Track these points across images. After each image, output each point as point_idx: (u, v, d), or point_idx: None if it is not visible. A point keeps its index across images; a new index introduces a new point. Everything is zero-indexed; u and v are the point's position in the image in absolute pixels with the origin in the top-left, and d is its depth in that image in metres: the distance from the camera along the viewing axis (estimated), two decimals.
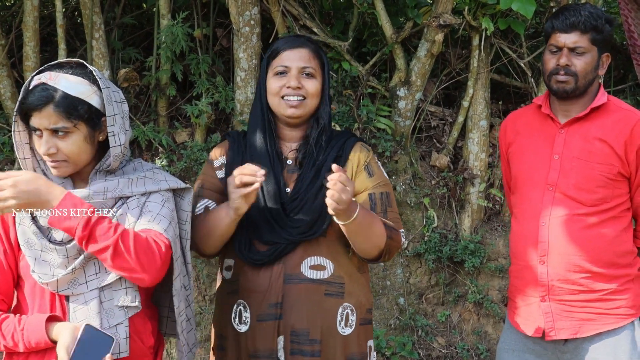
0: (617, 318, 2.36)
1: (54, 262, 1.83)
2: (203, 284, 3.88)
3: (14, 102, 3.92)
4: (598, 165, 2.34)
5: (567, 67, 2.34)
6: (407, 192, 4.10)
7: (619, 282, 2.36)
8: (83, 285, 1.85)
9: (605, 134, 2.35)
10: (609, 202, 2.35)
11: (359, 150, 2.24)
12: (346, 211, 2.00)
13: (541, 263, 2.38)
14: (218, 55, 4.25)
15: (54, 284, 1.83)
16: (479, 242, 4.08)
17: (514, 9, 3.54)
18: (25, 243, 1.85)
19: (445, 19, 3.78)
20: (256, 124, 2.23)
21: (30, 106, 1.81)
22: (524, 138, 2.51)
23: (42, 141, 1.83)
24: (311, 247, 2.14)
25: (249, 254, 2.13)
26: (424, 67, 4.03)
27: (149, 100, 4.09)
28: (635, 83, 4.42)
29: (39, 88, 1.83)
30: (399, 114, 4.10)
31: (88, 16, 3.79)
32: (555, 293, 2.38)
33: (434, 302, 4.17)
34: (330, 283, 2.14)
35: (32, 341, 1.79)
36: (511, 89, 4.51)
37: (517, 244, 2.49)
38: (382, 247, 2.12)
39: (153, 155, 3.95)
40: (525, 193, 2.47)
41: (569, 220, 2.35)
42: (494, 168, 4.23)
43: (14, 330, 1.81)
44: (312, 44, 2.24)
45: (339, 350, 2.14)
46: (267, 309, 2.11)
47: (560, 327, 2.38)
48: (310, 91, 2.18)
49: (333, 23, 4.38)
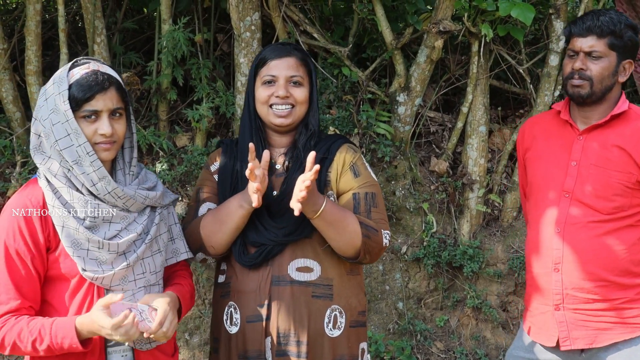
0: (634, 327, 2.32)
1: (102, 258, 1.90)
2: (203, 287, 3.89)
3: (16, 105, 3.93)
4: (616, 173, 2.30)
5: (582, 71, 2.32)
6: (406, 197, 4.11)
7: (635, 291, 2.33)
8: (132, 282, 1.96)
9: (624, 142, 2.32)
10: (626, 210, 2.31)
11: (345, 151, 2.27)
12: (310, 203, 2.03)
13: (555, 271, 2.35)
14: (219, 60, 4.27)
15: (109, 279, 1.90)
16: (477, 247, 4.09)
17: (513, 15, 3.56)
18: (72, 244, 1.88)
19: (445, 26, 3.80)
20: (245, 131, 2.27)
21: (95, 88, 1.88)
22: (541, 144, 2.48)
23: (102, 123, 1.91)
24: (298, 249, 2.17)
25: (242, 256, 2.17)
26: (423, 72, 4.05)
27: (149, 105, 4.11)
28: (633, 90, 4.44)
29: (95, 74, 1.90)
30: (398, 120, 4.11)
31: (90, 21, 3.81)
32: (570, 302, 2.34)
33: (433, 307, 4.18)
34: (317, 285, 2.16)
35: (59, 337, 1.82)
36: (510, 95, 4.53)
37: (531, 251, 2.46)
38: (357, 245, 2.12)
39: (154, 159, 3.96)
40: (540, 199, 2.44)
41: (584, 227, 2.32)
42: (493, 174, 4.25)
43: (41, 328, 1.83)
44: (299, 52, 2.27)
45: (327, 352, 2.16)
46: (256, 310, 2.13)
47: (576, 336, 2.34)
48: (299, 99, 2.21)
49: (333, 29, 4.40)
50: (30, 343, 1.83)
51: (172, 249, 2.14)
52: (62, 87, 1.89)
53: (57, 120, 1.89)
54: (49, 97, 1.91)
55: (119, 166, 2.02)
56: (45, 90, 1.94)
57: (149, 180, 2.08)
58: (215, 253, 2.20)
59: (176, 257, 2.14)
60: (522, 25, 4.00)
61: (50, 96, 1.91)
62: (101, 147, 1.92)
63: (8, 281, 1.86)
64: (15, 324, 1.84)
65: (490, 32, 3.85)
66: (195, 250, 2.21)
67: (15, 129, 3.92)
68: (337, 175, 2.23)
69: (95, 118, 1.91)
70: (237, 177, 2.24)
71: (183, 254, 2.16)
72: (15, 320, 1.85)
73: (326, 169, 2.23)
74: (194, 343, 3.86)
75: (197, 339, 3.87)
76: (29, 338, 1.83)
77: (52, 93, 1.91)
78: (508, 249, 4.13)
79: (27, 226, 1.87)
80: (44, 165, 1.93)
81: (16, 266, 1.86)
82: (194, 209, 2.27)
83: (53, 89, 1.91)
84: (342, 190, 2.23)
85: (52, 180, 1.91)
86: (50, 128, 1.89)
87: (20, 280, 1.87)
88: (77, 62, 1.96)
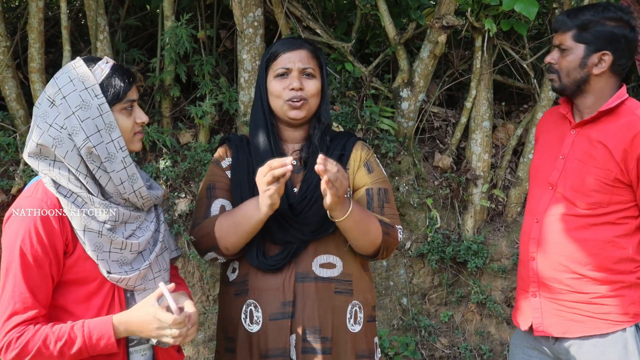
0: (608, 323, 2.31)
1: (122, 260, 1.90)
2: (207, 284, 3.89)
3: (19, 103, 3.94)
4: (595, 169, 2.30)
5: (550, 65, 2.37)
6: (410, 192, 4.11)
7: (611, 287, 2.31)
8: (152, 281, 1.96)
9: (606, 138, 2.30)
10: (604, 207, 2.30)
11: (360, 148, 2.28)
12: (340, 205, 2.03)
13: (532, 260, 2.41)
14: (222, 57, 4.26)
15: (134, 279, 1.90)
16: (481, 243, 4.09)
17: (517, 10, 3.54)
18: (96, 247, 1.85)
19: (448, 20, 3.79)
20: (258, 127, 2.25)
21: (132, 78, 1.93)
22: (544, 136, 2.54)
23: (139, 112, 1.96)
24: (321, 246, 2.16)
25: (264, 260, 2.14)
26: (426, 68, 4.04)
27: (153, 101, 4.11)
28: (637, 84, 4.43)
29: (121, 66, 1.94)
30: (402, 115, 4.11)
31: (92, 18, 3.81)
32: (545, 291, 2.39)
33: (437, 303, 4.18)
34: (339, 281, 2.17)
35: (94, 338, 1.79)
36: (514, 90, 4.52)
37: (520, 239, 2.53)
38: (378, 243, 2.13)
39: (157, 156, 3.96)
40: (530, 190, 2.51)
41: (561, 220, 2.35)
42: (497, 169, 4.24)
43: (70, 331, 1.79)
44: (310, 45, 2.27)
45: (349, 348, 2.17)
46: (280, 308, 2.12)
47: (549, 323, 2.39)
48: (312, 91, 2.21)
49: (336, 24, 4.40)
50: (57, 348, 1.77)
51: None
52: (88, 82, 1.85)
53: (86, 117, 1.83)
54: (68, 95, 1.84)
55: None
56: (60, 90, 1.85)
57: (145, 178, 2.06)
58: (229, 254, 2.17)
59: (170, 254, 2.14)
60: (526, 20, 3.99)
61: (70, 94, 1.84)
62: (138, 137, 1.97)
63: (24, 288, 1.78)
64: (38, 330, 1.78)
65: (494, 27, 3.84)
66: (207, 250, 2.18)
67: (18, 127, 3.92)
68: (353, 172, 2.24)
69: (131, 109, 1.94)
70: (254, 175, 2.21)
71: (174, 251, 2.15)
72: (35, 328, 1.78)
73: (344, 166, 2.22)
74: (198, 339, 3.87)
75: (201, 335, 3.87)
76: (57, 343, 1.77)
77: (74, 90, 1.84)
78: (512, 244, 4.13)
79: (45, 229, 1.80)
80: (53, 171, 1.86)
81: (33, 272, 1.79)
82: (206, 206, 2.22)
83: (74, 86, 1.85)
84: (357, 186, 2.24)
85: (68, 186, 1.85)
86: (75, 127, 1.83)
87: (37, 287, 1.79)
88: (89, 59, 1.93)
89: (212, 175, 2.28)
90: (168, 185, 3.89)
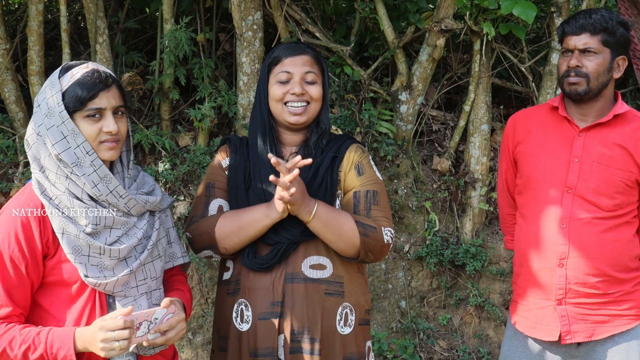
0: (629, 319, 2.39)
1: (102, 265, 1.88)
2: (205, 287, 3.89)
3: (19, 105, 3.94)
4: (618, 171, 2.35)
5: (578, 69, 2.35)
6: (408, 195, 4.11)
7: (631, 284, 2.40)
8: (134, 288, 1.93)
9: (625, 141, 2.36)
10: (624, 208, 2.38)
11: (353, 150, 2.29)
12: (303, 207, 2.06)
13: (560, 266, 2.38)
14: (221, 60, 4.27)
15: (112, 285, 1.88)
16: (480, 246, 4.09)
17: (515, 14, 3.56)
18: (73, 250, 1.86)
19: (446, 24, 3.80)
20: (257, 129, 2.26)
21: (99, 86, 1.86)
22: (537, 138, 2.50)
23: (108, 121, 1.88)
24: (311, 247, 2.17)
25: (254, 259, 2.16)
26: (425, 71, 4.05)
27: (152, 104, 4.11)
28: (635, 87, 4.44)
29: (97, 72, 1.88)
30: (400, 118, 4.11)
31: (92, 21, 3.82)
32: (572, 296, 2.38)
33: (436, 306, 4.18)
34: (330, 282, 2.17)
35: (54, 347, 1.79)
36: (512, 94, 4.53)
37: (529, 246, 2.47)
38: (356, 244, 2.13)
39: (156, 159, 3.97)
40: (539, 194, 2.46)
41: (588, 223, 2.37)
42: (495, 172, 4.24)
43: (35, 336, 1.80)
44: (312, 51, 2.28)
45: (338, 350, 2.17)
46: (269, 307, 2.13)
47: (576, 330, 2.39)
48: (314, 96, 2.22)
49: (335, 28, 4.41)
50: (21, 351, 1.79)
51: (169, 253, 2.12)
52: (54, 89, 1.86)
53: (51, 124, 1.85)
54: (42, 102, 1.87)
55: (117, 169, 1.99)
56: (37, 98, 1.90)
57: (147, 184, 2.05)
58: (226, 254, 2.20)
59: (172, 261, 2.13)
60: (524, 24, 4.00)
61: (42, 101, 1.87)
62: (106, 146, 1.89)
63: (0, 288, 1.83)
64: (7, 331, 1.81)
65: (492, 31, 3.85)
66: (202, 248, 2.20)
67: (18, 129, 3.92)
68: (344, 174, 2.25)
69: (100, 117, 1.88)
70: (250, 177, 2.23)
71: (179, 258, 2.15)
72: (5, 327, 1.82)
73: (337, 168, 2.24)
74: (197, 342, 3.87)
75: (200, 338, 3.87)
76: (22, 346, 1.79)
77: (45, 97, 1.87)
78: None
79: (24, 232, 1.83)
80: (40, 174, 1.90)
81: (9, 272, 1.82)
82: (204, 204, 2.25)
83: (45, 94, 1.88)
84: (346, 188, 2.25)
85: (51, 189, 1.88)
86: (44, 134, 1.85)
87: (12, 287, 1.83)
88: (70, 65, 1.93)
89: (212, 174, 2.30)
90: (167, 188, 3.90)
